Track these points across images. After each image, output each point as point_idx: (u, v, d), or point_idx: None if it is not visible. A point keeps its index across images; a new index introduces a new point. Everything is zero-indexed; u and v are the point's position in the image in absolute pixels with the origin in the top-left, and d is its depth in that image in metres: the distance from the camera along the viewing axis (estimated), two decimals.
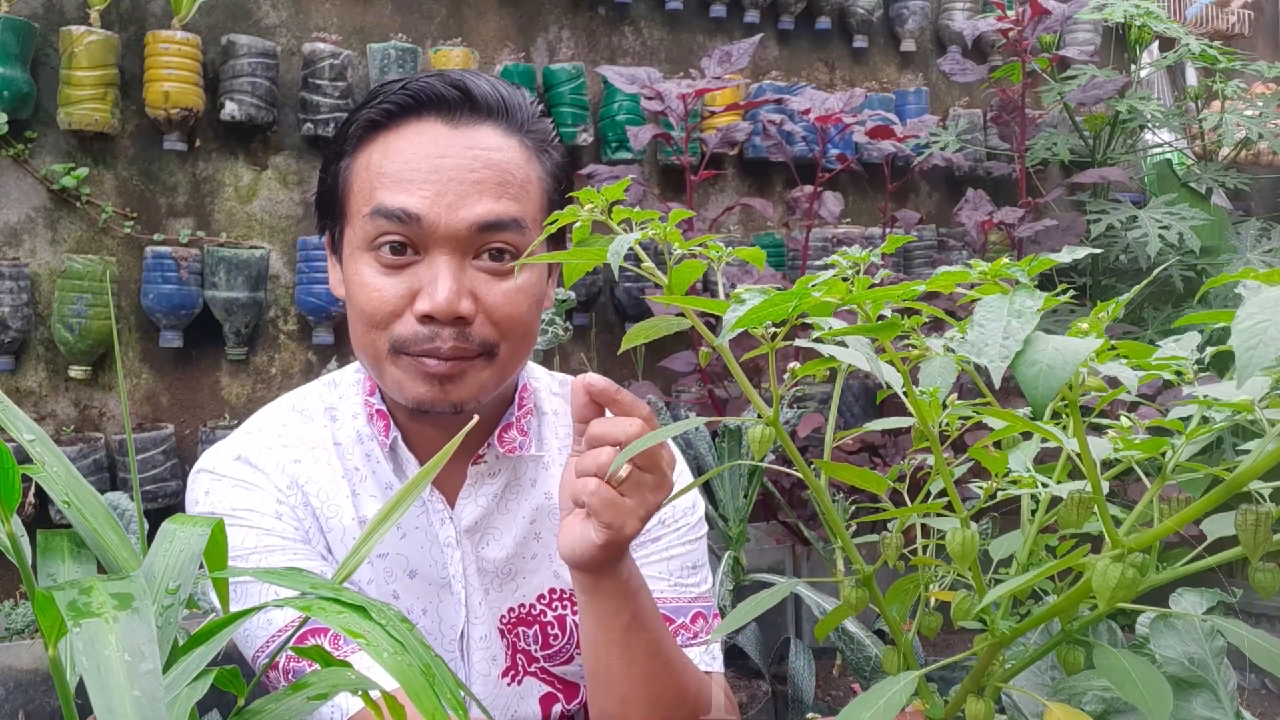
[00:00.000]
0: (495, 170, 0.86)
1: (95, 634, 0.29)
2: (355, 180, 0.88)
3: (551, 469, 0.98)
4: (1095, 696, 0.65)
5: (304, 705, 0.41)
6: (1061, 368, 0.39)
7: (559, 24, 3.11)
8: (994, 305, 0.42)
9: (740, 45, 2.63)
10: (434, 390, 0.86)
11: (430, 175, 0.84)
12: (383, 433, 0.93)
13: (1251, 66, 3.04)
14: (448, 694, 0.35)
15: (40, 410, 2.52)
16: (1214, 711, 0.68)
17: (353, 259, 0.88)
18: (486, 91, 0.88)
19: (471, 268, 0.86)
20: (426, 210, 0.84)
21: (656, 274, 0.59)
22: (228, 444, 0.94)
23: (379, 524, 0.47)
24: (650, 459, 0.75)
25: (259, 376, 2.73)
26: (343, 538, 0.92)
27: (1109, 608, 0.48)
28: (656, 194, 3.09)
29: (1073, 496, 0.55)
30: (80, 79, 2.41)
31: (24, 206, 2.50)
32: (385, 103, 0.87)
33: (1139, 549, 0.48)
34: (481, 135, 0.87)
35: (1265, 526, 0.46)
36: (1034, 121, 2.95)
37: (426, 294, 0.84)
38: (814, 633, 0.74)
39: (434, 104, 0.86)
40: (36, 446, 0.42)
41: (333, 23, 2.83)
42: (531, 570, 0.96)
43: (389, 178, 0.85)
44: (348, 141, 0.90)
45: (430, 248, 0.85)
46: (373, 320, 0.86)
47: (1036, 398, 0.39)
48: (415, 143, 0.86)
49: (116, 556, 0.40)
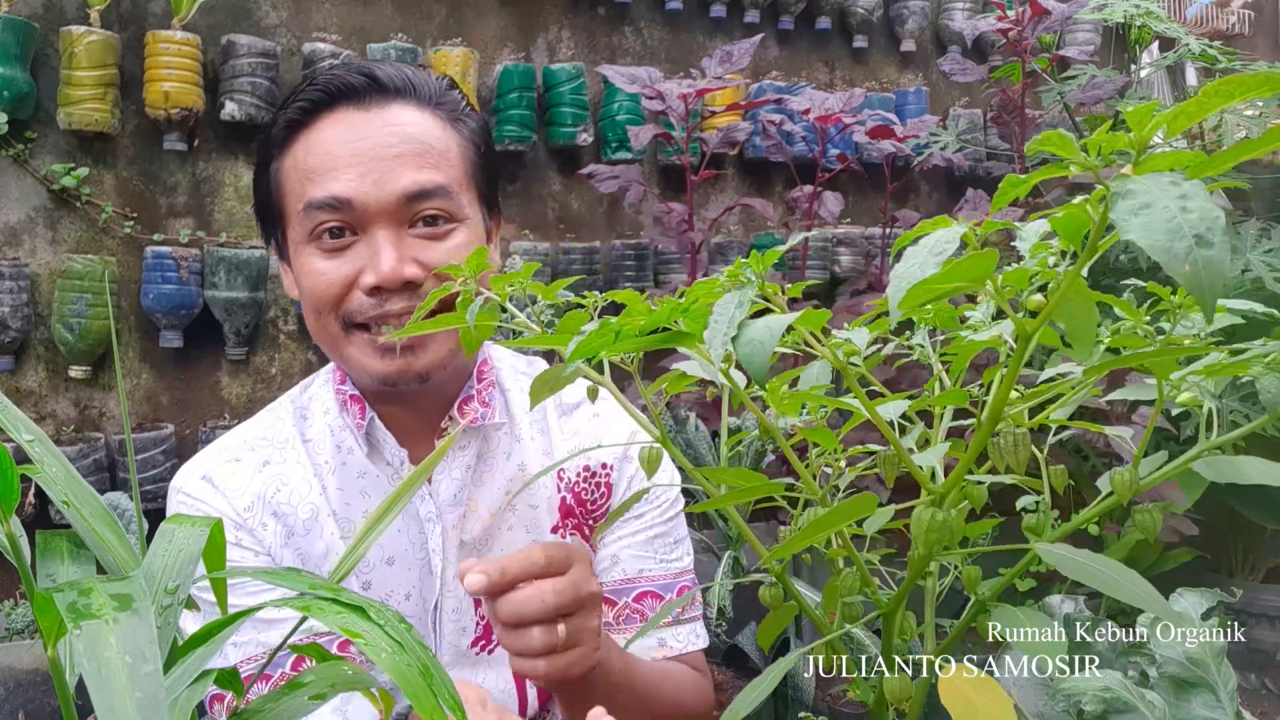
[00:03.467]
0: (413, 143, 0.89)
1: (95, 635, 0.29)
2: (286, 181, 0.92)
3: (523, 441, 1.02)
4: (1095, 697, 0.65)
5: (304, 705, 0.41)
6: (769, 340, 0.45)
7: (559, 24, 3.11)
8: (725, 302, 0.48)
9: (740, 45, 2.63)
10: (396, 363, 0.89)
11: (352, 159, 0.88)
12: (358, 416, 0.96)
13: (1251, 66, 3.04)
14: (446, 695, 0.35)
15: (40, 410, 2.52)
16: (1214, 711, 0.68)
17: (297, 255, 0.92)
18: (391, 74, 0.92)
19: (409, 236, 0.89)
20: (354, 192, 0.87)
21: (528, 324, 0.63)
22: (201, 457, 0.99)
23: (378, 520, 0.48)
24: (575, 598, 0.75)
25: (259, 376, 2.73)
26: (320, 535, 0.95)
27: (927, 549, 0.51)
28: (657, 194, 3.09)
29: (881, 455, 0.61)
30: (80, 79, 2.41)
31: (24, 206, 2.50)
32: (299, 101, 0.91)
33: (945, 493, 0.52)
34: (393, 113, 0.90)
35: (1024, 445, 0.51)
36: (1034, 121, 2.95)
37: (370, 268, 0.88)
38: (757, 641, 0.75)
39: (345, 94, 0.90)
40: (36, 447, 0.42)
41: (333, 23, 2.83)
42: (509, 541, 0.99)
43: (315, 171, 0.89)
44: (273, 146, 0.93)
45: (367, 226, 0.88)
46: (321, 303, 0.90)
47: (753, 368, 0.45)
48: (333, 133, 0.89)
49: (116, 557, 0.40)
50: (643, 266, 3.09)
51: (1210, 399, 0.54)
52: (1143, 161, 0.39)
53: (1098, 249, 0.42)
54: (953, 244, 0.42)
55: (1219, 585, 2.88)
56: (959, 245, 0.42)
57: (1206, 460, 0.53)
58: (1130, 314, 0.53)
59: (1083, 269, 0.43)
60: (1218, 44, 2.96)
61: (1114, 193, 0.38)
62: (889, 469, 0.60)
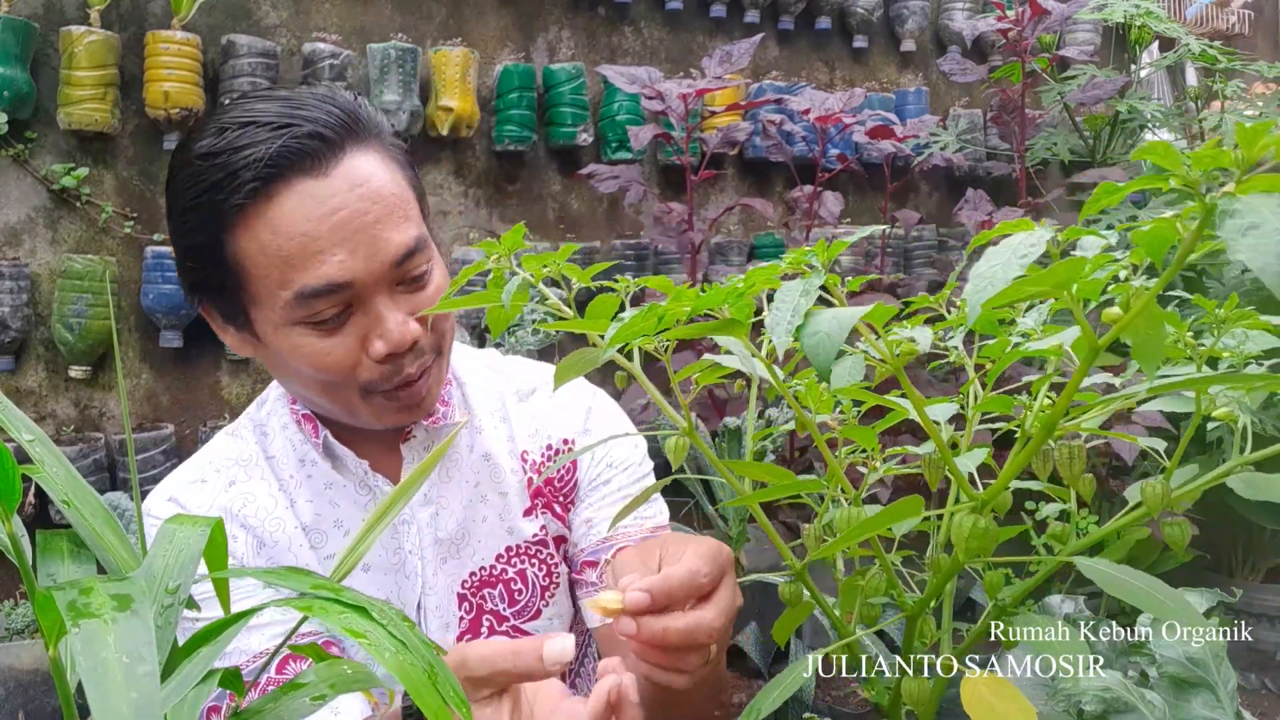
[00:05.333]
0: (381, 201, 0.85)
1: (93, 635, 0.29)
2: (250, 264, 0.85)
3: (485, 432, 1.02)
4: (1095, 697, 0.65)
5: (304, 705, 0.41)
6: (838, 333, 0.43)
7: (559, 24, 3.11)
8: (788, 289, 0.46)
9: (740, 45, 2.63)
10: (413, 413, 0.92)
11: (333, 236, 0.83)
12: (312, 435, 0.97)
13: (1251, 66, 3.04)
14: (451, 693, 0.35)
15: (40, 410, 2.52)
16: (1214, 711, 0.68)
17: (281, 334, 0.87)
18: (330, 122, 0.85)
19: (399, 295, 0.88)
20: (350, 274, 0.83)
21: (562, 308, 0.61)
22: (168, 481, 0.99)
23: (372, 526, 0.48)
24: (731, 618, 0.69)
25: (259, 376, 2.73)
26: (289, 547, 0.95)
27: (967, 557, 0.51)
28: (657, 194, 3.09)
29: (926, 458, 0.59)
30: (80, 79, 2.41)
31: (24, 206, 2.50)
32: (248, 184, 0.83)
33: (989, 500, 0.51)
34: (351, 169, 0.85)
35: (1080, 458, 0.51)
36: (1034, 121, 2.95)
37: (377, 338, 0.86)
38: (773, 635, 0.73)
39: (294, 162, 0.83)
40: (36, 446, 0.42)
41: (333, 23, 2.83)
42: (485, 533, 1.00)
43: (295, 257, 0.83)
44: (219, 222, 0.85)
45: (363, 298, 0.86)
46: (333, 380, 0.88)
47: (819, 362, 0.43)
48: (299, 210, 0.83)
49: (116, 557, 0.40)
50: (643, 266, 3.09)
51: (1246, 413, 0.54)
52: (1247, 180, 0.38)
53: (1182, 265, 0.41)
54: (1038, 248, 0.41)
55: (1219, 585, 2.89)
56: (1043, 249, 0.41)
57: (1241, 476, 0.53)
58: (1176, 325, 0.53)
59: (1163, 286, 0.42)
60: (1218, 44, 2.96)
61: (1221, 211, 0.37)
62: (933, 472, 0.59)
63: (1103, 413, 0.54)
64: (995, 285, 0.40)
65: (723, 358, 0.58)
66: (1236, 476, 0.53)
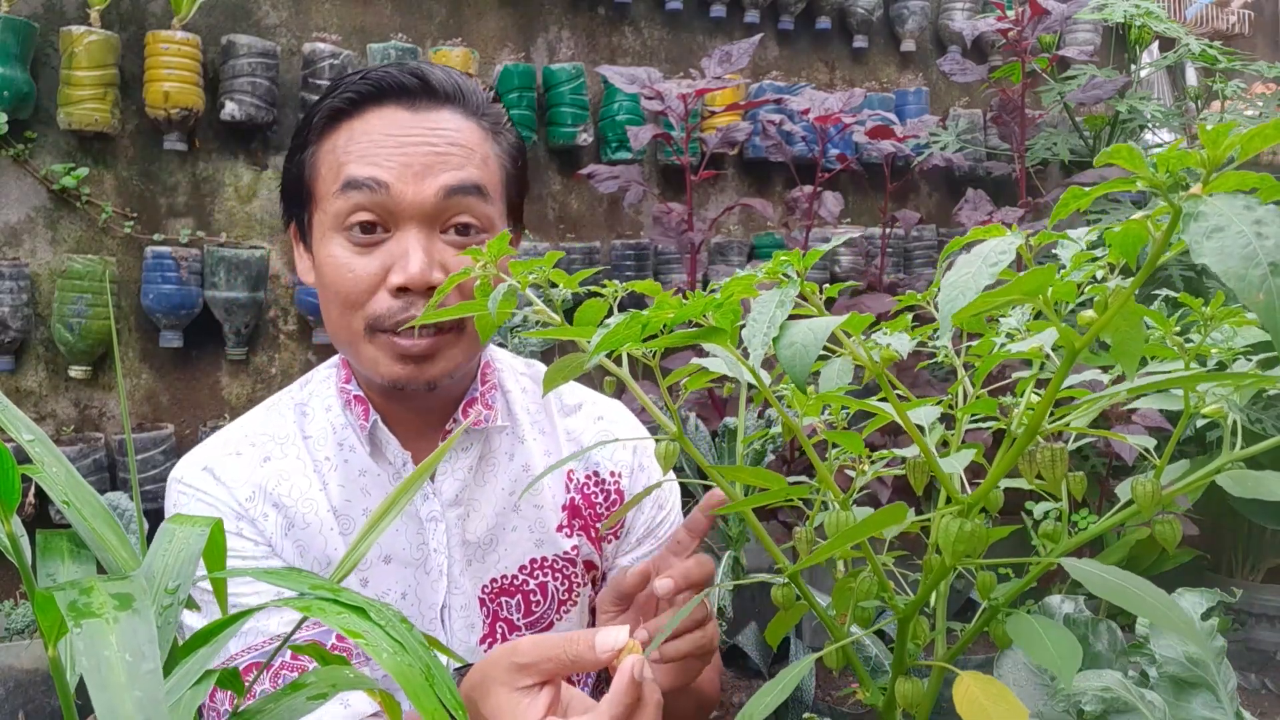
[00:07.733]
0: (457, 146, 0.91)
1: (95, 634, 0.29)
2: (322, 165, 0.92)
3: (526, 442, 1.03)
4: (1095, 697, 0.65)
5: (304, 705, 0.41)
6: (814, 344, 0.43)
7: (559, 24, 3.11)
8: (765, 300, 0.46)
9: (740, 45, 2.63)
10: (409, 369, 0.90)
11: (396, 151, 0.89)
12: (362, 417, 0.96)
13: (1251, 66, 3.04)
14: (447, 694, 0.35)
15: (40, 410, 2.52)
16: (1214, 711, 0.68)
17: (323, 241, 0.92)
18: (442, 79, 0.92)
19: (440, 241, 0.90)
20: (394, 179, 0.88)
21: (547, 313, 0.62)
22: (201, 450, 0.98)
23: (379, 519, 0.48)
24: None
25: (259, 376, 2.73)
26: (320, 530, 0.95)
27: (955, 560, 0.51)
28: (657, 194, 3.09)
29: (910, 462, 0.60)
30: (80, 79, 2.41)
31: (24, 206, 2.50)
32: (348, 92, 0.91)
33: (975, 503, 0.51)
34: (441, 118, 0.91)
35: (1062, 460, 0.51)
36: (1034, 121, 2.95)
37: (399, 267, 0.88)
38: (766, 638, 0.75)
39: (394, 92, 0.91)
40: (36, 446, 0.42)
41: (333, 23, 2.83)
42: (512, 542, 1.00)
43: (355, 154, 0.89)
44: (312, 131, 0.94)
45: (399, 222, 0.89)
46: (348, 300, 0.90)
47: (795, 374, 0.43)
48: (379, 125, 0.90)
49: (116, 556, 0.40)
50: (642, 266, 3.09)
51: (1235, 410, 0.54)
52: (1213, 181, 0.38)
53: (1155, 266, 0.41)
54: (1008, 255, 0.41)
55: (1219, 585, 2.89)
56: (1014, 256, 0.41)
57: (1230, 474, 0.53)
58: (1161, 324, 0.53)
59: (1138, 286, 0.42)
60: (1217, 44, 2.96)
61: (1186, 213, 0.37)
62: (918, 476, 0.59)
63: (1089, 412, 0.54)
64: (967, 295, 0.40)
65: (708, 361, 0.59)
66: (1226, 474, 0.53)
